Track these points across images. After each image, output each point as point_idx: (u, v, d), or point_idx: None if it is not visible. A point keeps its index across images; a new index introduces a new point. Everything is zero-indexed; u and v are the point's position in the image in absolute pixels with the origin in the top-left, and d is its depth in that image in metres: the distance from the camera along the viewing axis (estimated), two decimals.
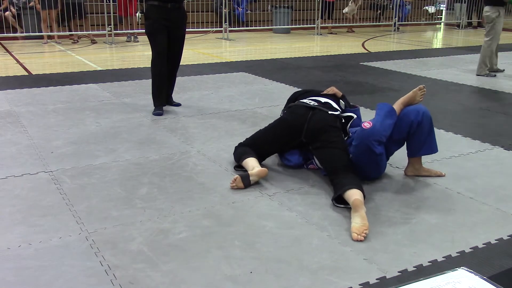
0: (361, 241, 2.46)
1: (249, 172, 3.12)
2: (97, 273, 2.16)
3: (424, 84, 3.32)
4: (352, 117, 3.37)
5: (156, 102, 4.83)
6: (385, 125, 3.02)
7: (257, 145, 3.40)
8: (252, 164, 3.19)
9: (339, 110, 3.39)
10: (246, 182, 3.07)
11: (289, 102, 3.75)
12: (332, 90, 3.64)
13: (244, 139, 3.53)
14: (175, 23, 4.73)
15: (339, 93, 3.62)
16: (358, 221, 2.56)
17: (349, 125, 3.34)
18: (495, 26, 6.86)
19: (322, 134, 3.18)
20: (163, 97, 4.87)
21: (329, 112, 3.30)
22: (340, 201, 2.85)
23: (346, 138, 3.27)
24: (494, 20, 6.83)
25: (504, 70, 7.35)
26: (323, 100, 3.45)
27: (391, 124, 3.05)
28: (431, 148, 3.24)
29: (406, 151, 3.29)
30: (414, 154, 3.28)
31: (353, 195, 2.72)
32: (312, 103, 3.38)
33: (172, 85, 5.07)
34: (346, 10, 13.41)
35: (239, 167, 3.35)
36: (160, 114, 4.73)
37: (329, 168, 3.09)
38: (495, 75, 7.00)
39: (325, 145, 3.16)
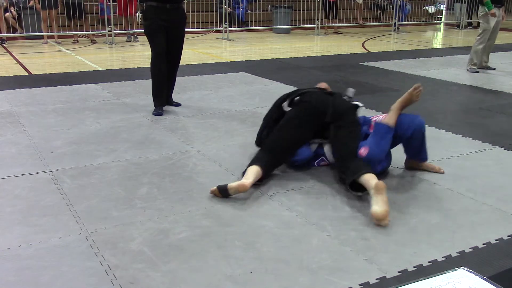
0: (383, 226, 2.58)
1: (228, 184, 2.91)
2: (97, 273, 2.16)
3: (420, 83, 3.34)
4: (358, 105, 3.41)
5: (156, 102, 4.83)
6: (381, 146, 3.11)
7: (283, 138, 3.26)
8: (246, 175, 3.03)
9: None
10: (224, 194, 2.91)
11: (281, 101, 3.58)
12: (323, 85, 3.67)
13: (265, 138, 3.44)
14: (174, 24, 4.73)
15: (328, 88, 3.65)
16: (379, 204, 2.61)
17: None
18: (487, 25, 6.94)
19: (345, 115, 3.25)
20: (163, 97, 4.87)
21: (347, 96, 3.43)
22: (355, 188, 2.90)
23: None
24: (485, 19, 6.95)
25: (495, 68, 7.39)
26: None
27: (388, 141, 3.15)
28: (421, 157, 3.35)
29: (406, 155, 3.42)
30: (410, 157, 3.40)
31: (372, 178, 2.77)
32: (321, 90, 3.47)
33: (172, 85, 5.07)
34: None
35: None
36: (160, 114, 4.73)
37: (345, 150, 3.11)
38: (477, 71, 7.06)
39: (347, 125, 3.20)
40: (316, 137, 3.38)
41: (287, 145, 3.29)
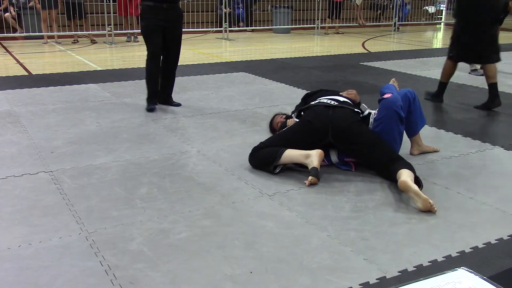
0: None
1: (313, 164, 3.07)
2: (97, 273, 2.16)
3: (394, 78, 3.79)
4: (370, 113, 3.45)
5: (149, 99, 4.90)
6: (399, 94, 3.44)
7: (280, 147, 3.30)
8: (299, 153, 3.17)
9: (359, 111, 3.44)
10: (318, 176, 3.08)
11: (303, 101, 3.72)
12: (353, 93, 3.63)
13: (259, 144, 3.41)
14: (171, 23, 4.74)
15: (358, 99, 3.60)
16: (416, 199, 2.75)
17: (371, 120, 3.42)
18: None
19: (349, 133, 3.24)
20: (156, 94, 4.94)
21: (349, 108, 3.39)
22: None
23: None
24: None
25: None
26: (342, 99, 3.50)
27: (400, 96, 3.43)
28: (423, 119, 3.64)
29: (407, 135, 3.61)
30: (415, 132, 3.62)
31: (399, 176, 2.89)
32: (332, 102, 3.41)
33: (171, 85, 5.08)
34: None
35: (275, 167, 3.24)
36: (153, 110, 4.80)
37: (376, 163, 3.22)
38: (482, 74, 7.01)
39: (358, 142, 3.23)
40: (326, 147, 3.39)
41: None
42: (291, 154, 3.21)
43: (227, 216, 2.71)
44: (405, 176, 2.86)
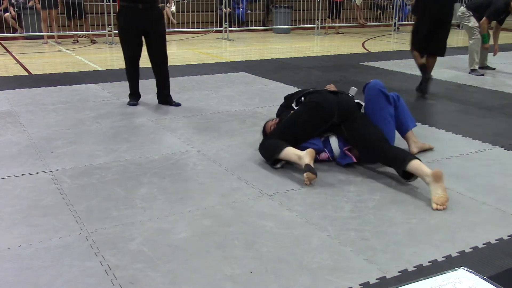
0: (440, 210, 2.77)
1: (305, 162, 3.09)
2: (97, 273, 2.16)
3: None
4: (361, 104, 3.56)
5: (130, 96, 5.10)
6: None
7: (287, 134, 3.39)
8: (293, 153, 3.20)
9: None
10: (314, 171, 3.07)
11: (287, 101, 3.79)
12: (332, 87, 3.77)
13: (269, 134, 3.54)
14: (150, 23, 4.73)
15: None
16: (439, 192, 2.81)
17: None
18: (471, 24, 6.99)
19: (353, 114, 3.38)
20: (137, 94, 5.13)
21: (347, 94, 3.58)
22: (405, 176, 3.08)
23: None
24: (466, 20, 7.05)
25: (495, 68, 7.39)
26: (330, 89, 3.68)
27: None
28: (412, 120, 3.70)
29: (400, 133, 3.67)
30: (407, 128, 3.66)
31: (421, 164, 2.97)
32: (327, 90, 3.60)
33: (165, 84, 5.08)
34: None
35: (275, 162, 3.31)
36: (135, 105, 5.01)
37: (375, 136, 3.27)
38: (483, 74, 7.02)
39: (363, 124, 3.34)
40: (324, 132, 3.48)
41: (293, 140, 3.35)
42: (288, 153, 3.24)
43: (227, 216, 2.71)
44: (425, 167, 2.96)
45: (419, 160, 3.04)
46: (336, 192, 3.03)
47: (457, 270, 1.06)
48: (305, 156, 3.12)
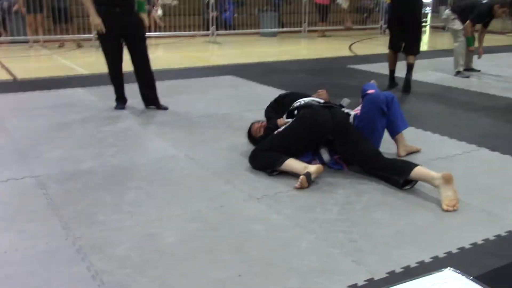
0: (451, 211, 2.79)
1: (308, 171, 3.11)
2: (84, 278, 2.15)
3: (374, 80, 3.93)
4: (349, 114, 3.56)
5: (117, 100, 5.10)
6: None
7: (281, 148, 3.35)
8: (299, 164, 3.20)
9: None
10: (310, 181, 3.09)
11: (276, 102, 3.85)
12: (323, 93, 3.80)
13: (260, 145, 3.47)
14: (128, 27, 4.70)
15: (327, 99, 3.76)
16: (450, 194, 2.85)
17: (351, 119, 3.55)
18: (456, 26, 7.08)
19: (347, 130, 3.36)
20: (122, 95, 5.11)
21: (338, 106, 3.57)
22: (404, 183, 3.09)
23: None
24: (451, 23, 7.18)
25: (480, 70, 7.47)
26: (321, 100, 3.64)
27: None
28: (404, 121, 3.68)
29: (390, 136, 3.68)
30: (397, 130, 3.66)
31: (426, 169, 3.02)
32: (321, 102, 3.58)
33: (151, 86, 5.04)
34: (340, 1, 13.52)
35: (273, 171, 3.29)
36: (122, 109, 4.99)
37: (369, 149, 3.30)
38: (468, 76, 7.09)
39: (356, 138, 3.34)
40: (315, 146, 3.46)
41: (286, 154, 3.33)
42: (292, 164, 3.23)
43: (215, 220, 2.71)
44: (428, 170, 3.02)
45: (421, 165, 3.07)
46: (324, 195, 3.03)
47: (444, 270, 1.07)
48: (311, 168, 3.14)
